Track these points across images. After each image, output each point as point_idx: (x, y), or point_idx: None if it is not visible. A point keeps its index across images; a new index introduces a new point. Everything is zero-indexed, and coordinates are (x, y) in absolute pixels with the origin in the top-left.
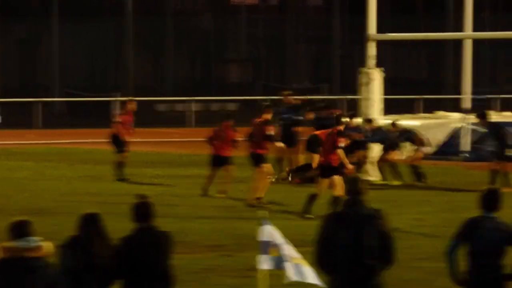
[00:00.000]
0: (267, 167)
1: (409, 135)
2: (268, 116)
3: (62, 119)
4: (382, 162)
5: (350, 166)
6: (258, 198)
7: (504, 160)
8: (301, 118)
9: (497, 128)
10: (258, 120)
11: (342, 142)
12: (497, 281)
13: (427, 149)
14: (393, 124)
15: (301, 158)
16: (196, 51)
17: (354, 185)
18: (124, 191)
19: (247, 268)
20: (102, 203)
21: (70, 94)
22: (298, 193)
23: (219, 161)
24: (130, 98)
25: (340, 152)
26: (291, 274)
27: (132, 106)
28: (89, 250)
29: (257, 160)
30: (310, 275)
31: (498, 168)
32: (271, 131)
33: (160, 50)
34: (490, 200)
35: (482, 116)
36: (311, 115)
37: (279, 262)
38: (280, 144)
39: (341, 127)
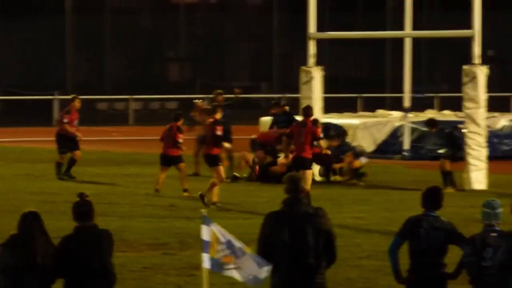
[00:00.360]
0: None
1: (347, 149)
2: (218, 116)
3: (0, 118)
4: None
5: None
6: (214, 203)
7: (456, 161)
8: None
9: (449, 134)
10: (211, 120)
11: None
12: (439, 279)
13: (364, 160)
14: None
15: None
16: (135, 49)
17: (294, 184)
18: (64, 189)
19: (191, 267)
20: (42, 201)
21: (8, 92)
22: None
23: (167, 161)
24: (74, 95)
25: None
26: (237, 276)
27: (77, 104)
28: (30, 249)
29: (211, 161)
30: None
31: (449, 168)
32: (219, 131)
33: (99, 48)
34: (432, 198)
35: (431, 124)
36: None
37: (216, 265)
38: (228, 145)
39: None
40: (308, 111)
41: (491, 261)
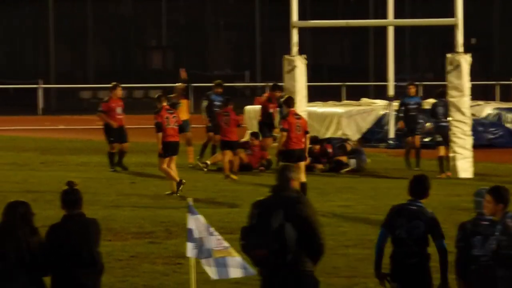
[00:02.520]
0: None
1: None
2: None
3: None
4: None
5: None
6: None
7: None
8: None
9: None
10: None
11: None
12: (417, 269)
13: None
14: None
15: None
16: (117, 38)
17: (285, 172)
18: (49, 178)
19: (177, 255)
20: (26, 190)
21: None
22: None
23: (229, 145)
24: (115, 83)
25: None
26: (212, 273)
27: (118, 92)
28: (14, 239)
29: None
30: (234, 269)
31: (443, 154)
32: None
33: (82, 37)
34: (418, 187)
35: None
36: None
37: (201, 252)
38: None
39: None
40: (290, 101)
41: (482, 250)
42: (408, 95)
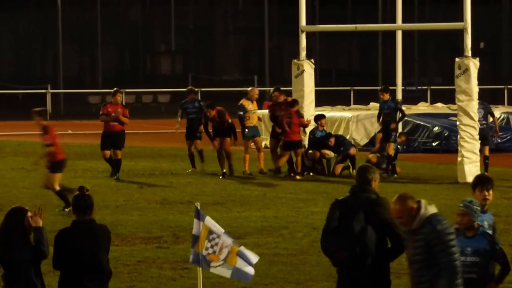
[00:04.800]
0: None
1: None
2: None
3: None
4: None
5: None
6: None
7: None
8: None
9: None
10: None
11: None
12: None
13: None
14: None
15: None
16: (125, 42)
17: (364, 173)
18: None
19: (185, 260)
20: (35, 195)
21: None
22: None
23: (290, 146)
24: (116, 89)
25: None
26: (225, 273)
27: (116, 98)
28: (8, 245)
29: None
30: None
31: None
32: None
33: (91, 42)
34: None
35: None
36: None
37: (204, 261)
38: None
39: None
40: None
41: (474, 258)
42: (382, 100)
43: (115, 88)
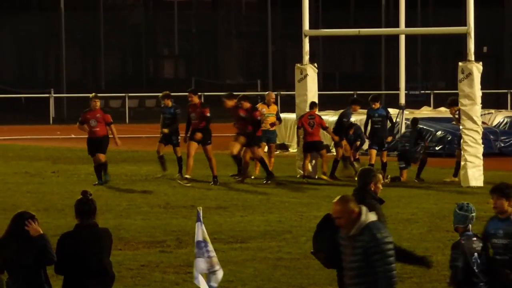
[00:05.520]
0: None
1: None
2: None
3: None
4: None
5: None
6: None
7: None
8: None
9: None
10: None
11: None
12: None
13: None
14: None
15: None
16: (129, 46)
17: (362, 178)
18: (60, 188)
19: (188, 264)
20: (38, 200)
21: (3, 90)
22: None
23: (312, 147)
24: (93, 94)
25: None
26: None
27: (93, 104)
28: (15, 249)
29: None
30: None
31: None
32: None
33: (92, 46)
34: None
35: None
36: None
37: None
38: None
39: None
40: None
41: (481, 266)
42: (372, 108)
43: (93, 94)
